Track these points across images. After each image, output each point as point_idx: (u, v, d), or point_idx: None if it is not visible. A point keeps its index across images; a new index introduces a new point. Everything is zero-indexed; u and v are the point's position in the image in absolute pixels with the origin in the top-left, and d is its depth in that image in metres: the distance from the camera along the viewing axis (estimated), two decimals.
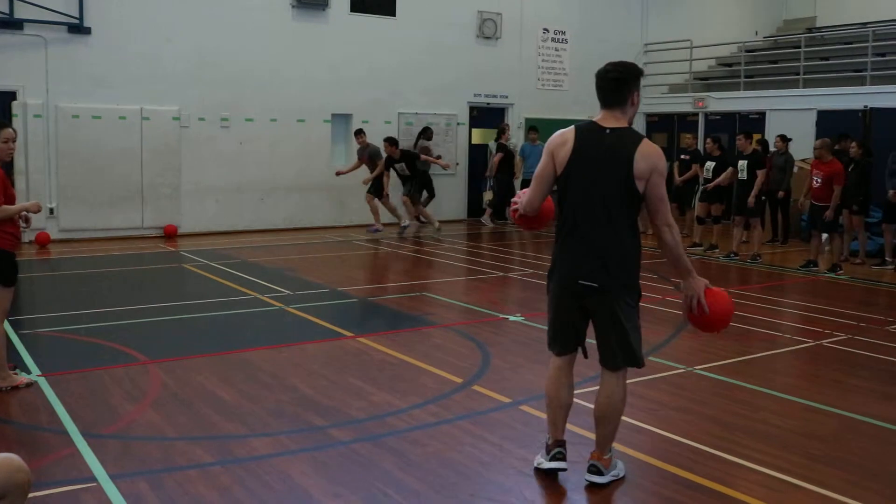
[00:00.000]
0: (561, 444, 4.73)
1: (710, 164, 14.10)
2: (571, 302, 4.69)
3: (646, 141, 4.51)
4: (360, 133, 15.95)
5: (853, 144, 13.11)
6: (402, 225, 15.83)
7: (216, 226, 15.73)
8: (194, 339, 7.97)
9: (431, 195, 16.84)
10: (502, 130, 17.94)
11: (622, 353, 4.62)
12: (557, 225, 4.72)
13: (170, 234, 14.96)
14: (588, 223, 4.51)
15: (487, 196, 18.02)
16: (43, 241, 13.75)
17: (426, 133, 17.51)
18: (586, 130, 4.59)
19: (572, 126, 4.65)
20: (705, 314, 4.58)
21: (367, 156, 15.73)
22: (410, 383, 6.47)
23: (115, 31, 14.55)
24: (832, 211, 12.08)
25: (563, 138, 4.61)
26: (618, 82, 4.57)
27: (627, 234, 4.53)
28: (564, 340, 4.79)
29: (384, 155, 15.52)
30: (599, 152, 4.49)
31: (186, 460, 4.90)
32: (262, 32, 15.87)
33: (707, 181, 14.14)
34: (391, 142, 15.59)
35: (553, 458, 4.70)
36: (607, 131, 4.53)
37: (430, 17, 17.74)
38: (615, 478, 4.67)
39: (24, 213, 6.33)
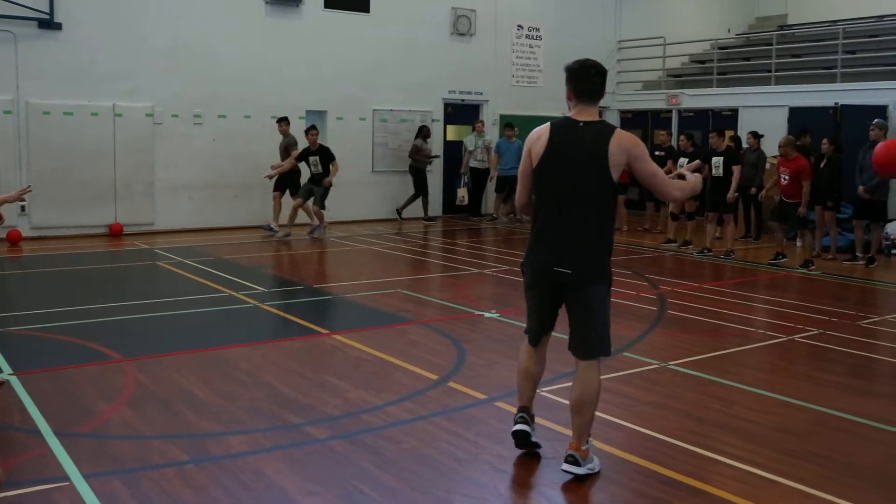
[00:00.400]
0: (524, 409, 4.98)
1: (683, 161, 14.17)
2: (545, 289, 4.79)
3: (618, 131, 4.66)
4: (283, 121, 15.27)
5: (825, 141, 13.25)
6: (315, 225, 15.10)
7: (191, 223, 15.63)
8: (169, 337, 7.92)
9: (420, 194, 16.95)
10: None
11: (596, 342, 4.72)
12: (533, 216, 4.83)
13: (115, 233, 14.70)
14: (564, 214, 4.61)
15: (462, 193, 18.01)
16: (14, 239, 13.61)
17: (423, 132, 17.43)
18: (561, 126, 4.73)
19: (548, 122, 4.77)
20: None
21: (283, 146, 15.16)
22: (386, 380, 6.47)
23: (87, 27, 14.41)
24: (804, 206, 12.21)
25: (539, 134, 4.77)
26: (602, 77, 4.78)
27: (602, 225, 4.65)
28: (538, 327, 4.96)
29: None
30: (575, 145, 4.62)
31: (162, 459, 4.88)
32: (236, 28, 15.78)
33: (680, 177, 14.21)
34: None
35: (516, 423, 4.93)
36: (581, 125, 4.68)
37: (404, 13, 17.71)
38: (591, 471, 4.70)
39: None
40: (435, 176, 18.40)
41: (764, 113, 17.37)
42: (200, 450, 5.02)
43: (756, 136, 14.98)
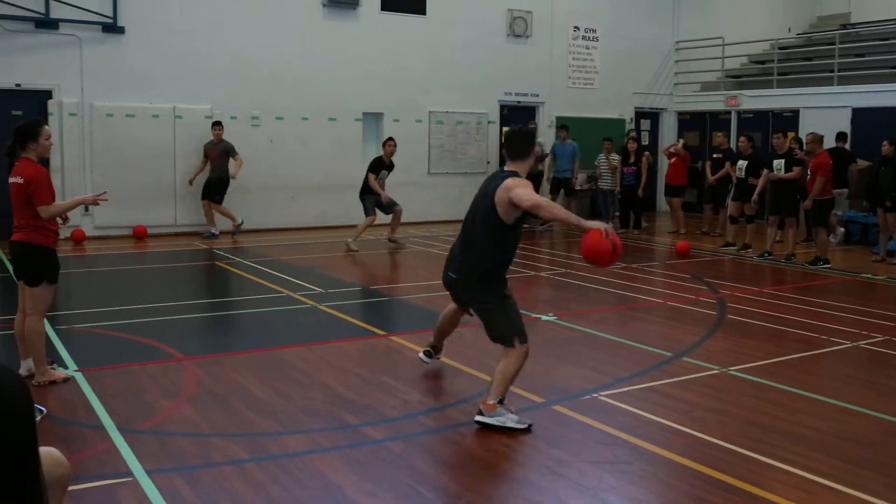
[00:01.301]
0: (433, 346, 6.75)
1: (742, 163, 13.99)
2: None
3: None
4: (217, 125, 14.83)
5: (885, 143, 13.03)
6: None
7: (248, 223, 15.81)
8: (229, 337, 8.04)
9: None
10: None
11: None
12: None
13: (139, 236, 14.72)
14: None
15: None
16: (78, 239, 13.90)
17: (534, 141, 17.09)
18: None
19: None
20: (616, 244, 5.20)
21: (221, 151, 14.90)
22: (443, 382, 6.49)
23: (149, 31, 14.68)
24: (810, 200, 12.39)
25: None
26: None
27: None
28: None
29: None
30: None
31: (222, 456, 4.94)
32: (294, 31, 15.94)
33: (740, 180, 14.02)
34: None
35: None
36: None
37: (460, 15, 17.73)
38: (501, 424, 5.32)
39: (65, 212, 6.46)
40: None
41: (826, 114, 17.04)
42: (259, 448, 5.08)
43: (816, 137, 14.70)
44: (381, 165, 14.18)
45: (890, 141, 13.04)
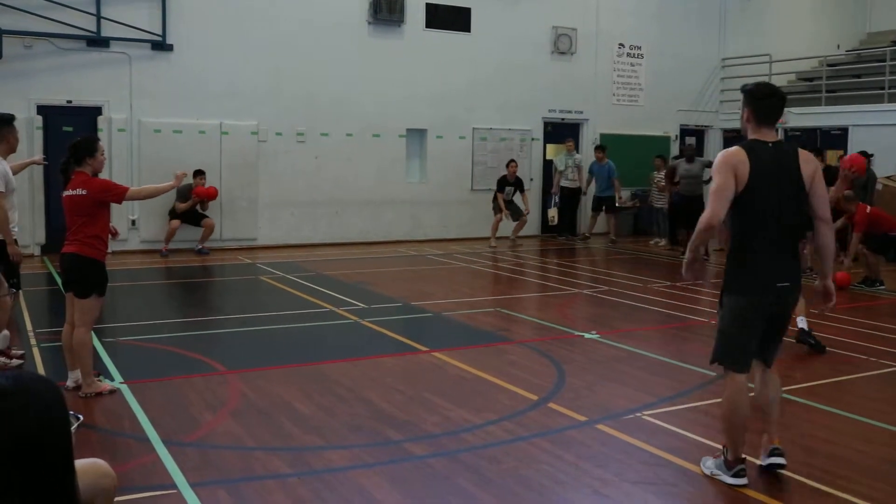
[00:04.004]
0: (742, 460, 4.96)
1: None
2: (764, 311, 4.81)
3: (800, 150, 4.83)
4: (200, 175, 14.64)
5: None
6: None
7: (292, 239, 15.94)
8: (272, 351, 8.07)
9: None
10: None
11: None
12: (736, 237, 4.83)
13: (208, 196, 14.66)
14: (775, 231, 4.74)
15: (552, 213, 17.78)
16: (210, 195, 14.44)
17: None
18: (756, 147, 4.75)
19: (737, 146, 4.77)
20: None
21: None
22: (485, 399, 6.45)
23: (196, 48, 14.90)
24: (849, 258, 12.32)
25: (739, 156, 4.69)
26: (784, 102, 4.93)
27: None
28: (751, 348, 4.94)
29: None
30: (772, 165, 4.70)
31: (265, 470, 4.96)
32: (339, 48, 16.08)
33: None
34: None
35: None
36: (770, 145, 4.76)
37: (504, 32, 17.76)
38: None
39: (113, 226, 6.63)
40: (532, 195, 18.29)
41: (876, 132, 16.79)
42: (302, 463, 5.09)
43: (865, 155, 14.47)
44: (504, 183, 16.49)
45: None
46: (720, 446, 5.04)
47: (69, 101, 14.15)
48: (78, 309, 6.36)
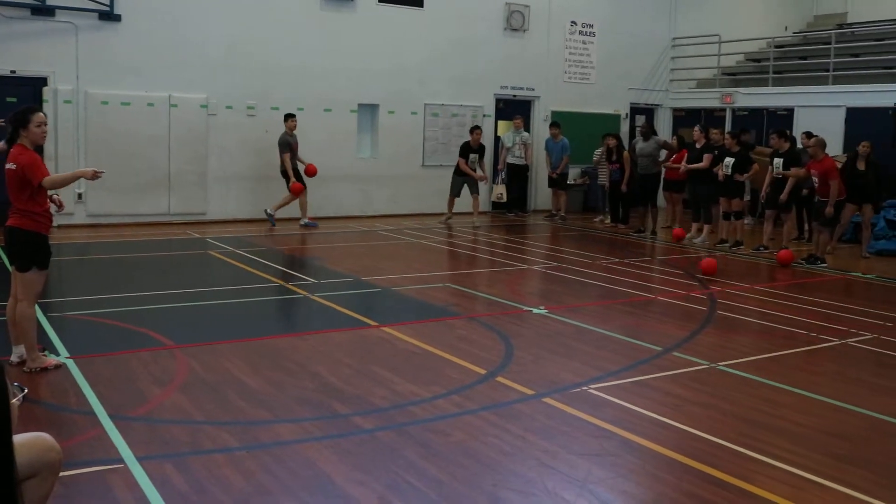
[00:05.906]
0: None
1: (729, 160, 14.00)
2: None
3: None
4: (291, 117, 15.21)
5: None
6: None
7: (241, 213, 15.81)
8: (220, 325, 8.04)
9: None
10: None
11: None
12: None
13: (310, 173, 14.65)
14: None
15: (498, 189, 17.78)
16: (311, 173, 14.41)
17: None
18: None
19: None
20: None
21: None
22: (434, 373, 6.50)
23: (145, 19, 14.64)
24: (831, 206, 12.37)
25: None
26: None
27: None
28: None
29: None
30: None
31: (213, 444, 4.96)
32: (291, 22, 15.91)
33: (727, 177, 14.02)
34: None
35: None
36: None
37: (457, 8, 17.71)
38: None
39: (58, 198, 6.51)
40: (485, 171, 18.28)
41: (820, 113, 17.10)
42: (250, 437, 5.10)
43: (809, 136, 14.75)
44: (468, 150, 16.26)
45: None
46: (664, 419, 5.14)
47: (13, 72, 13.83)
48: (20, 283, 6.28)
